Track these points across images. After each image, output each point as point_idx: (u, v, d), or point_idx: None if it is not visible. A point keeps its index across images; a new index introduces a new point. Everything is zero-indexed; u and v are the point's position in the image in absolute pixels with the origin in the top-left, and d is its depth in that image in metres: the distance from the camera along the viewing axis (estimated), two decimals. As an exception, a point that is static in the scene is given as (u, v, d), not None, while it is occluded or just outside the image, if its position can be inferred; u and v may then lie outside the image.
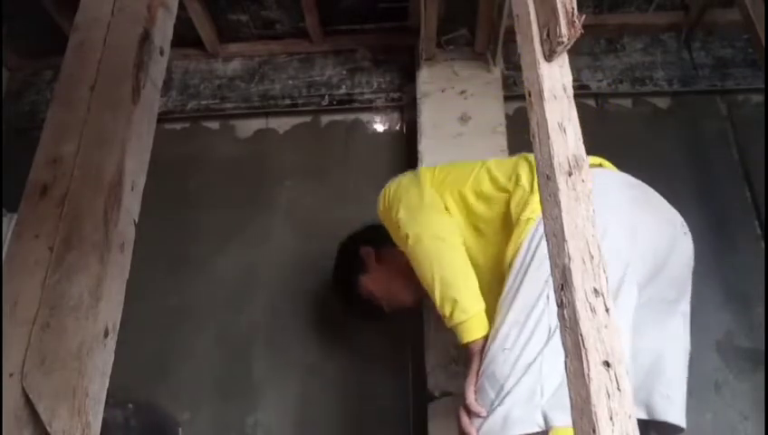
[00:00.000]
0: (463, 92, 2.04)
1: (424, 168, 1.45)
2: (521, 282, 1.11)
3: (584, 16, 0.75)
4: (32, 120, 2.22)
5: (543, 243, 1.08)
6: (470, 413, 1.09)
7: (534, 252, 1.12)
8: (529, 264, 1.12)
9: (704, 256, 1.91)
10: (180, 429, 1.59)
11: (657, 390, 1.18)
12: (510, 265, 1.16)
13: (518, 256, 1.15)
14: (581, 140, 0.76)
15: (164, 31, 0.95)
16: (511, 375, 1.04)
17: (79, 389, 0.67)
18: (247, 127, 2.24)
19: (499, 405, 1.03)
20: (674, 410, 1.18)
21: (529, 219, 1.16)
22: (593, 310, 0.65)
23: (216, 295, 1.97)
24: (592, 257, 0.68)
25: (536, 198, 1.15)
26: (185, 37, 2.17)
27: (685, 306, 1.26)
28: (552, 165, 0.73)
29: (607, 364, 0.62)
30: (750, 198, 1.99)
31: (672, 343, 1.22)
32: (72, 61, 0.89)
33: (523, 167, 1.24)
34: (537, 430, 0.99)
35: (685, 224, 1.26)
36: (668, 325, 1.22)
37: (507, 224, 1.21)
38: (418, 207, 1.28)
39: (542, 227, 1.11)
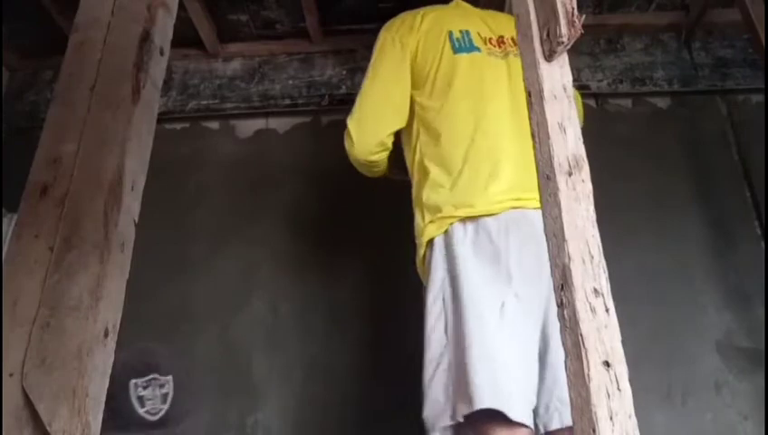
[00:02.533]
0: (463, 92, 2.03)
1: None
2: (426, 290, 1.27)
3: (584, 16, 0.75)
4: (32, 120, 2.21)
5: (436, 254, 1.26)
6: None
7: (430, 263, 1.28)
8: (428, 275, 1.27)
9: (704, 256, 1.93)
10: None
11: (556, 395, 1.20)
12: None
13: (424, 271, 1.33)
14: (581, 140, 0.76)
15: (164, 31, 0.95)
16: (426, 375, 1.19)
17: (79, 389, 0.67)
18: (247, 127, 2.24)
19: (424, 403, 1.18)
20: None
21: (421, 244, 1.33)
22: (593, 310, 0.65)
23: (216, 295, 1.97)
24: (592, 257, 0.68)
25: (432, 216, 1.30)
26: (185, 37, 2.16)
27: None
28: (551, 165, 0.73)
29: (607, 364, 0.62)
30: (750, 198, 1.99)
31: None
32: (71, 61, 0.88)
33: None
34: (451, 422, 1.12)
35: None
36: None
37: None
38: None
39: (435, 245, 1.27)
